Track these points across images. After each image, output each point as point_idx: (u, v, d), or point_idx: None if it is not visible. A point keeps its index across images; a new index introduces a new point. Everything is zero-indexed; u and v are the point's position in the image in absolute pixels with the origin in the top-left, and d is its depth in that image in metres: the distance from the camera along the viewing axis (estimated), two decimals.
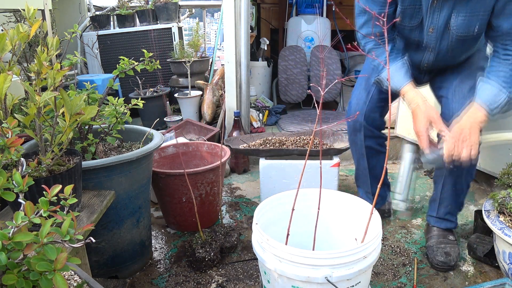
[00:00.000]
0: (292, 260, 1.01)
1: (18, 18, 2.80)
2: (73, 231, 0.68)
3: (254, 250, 1.13)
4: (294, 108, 3.43)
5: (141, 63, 1.52)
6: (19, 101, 1.73)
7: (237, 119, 2.47)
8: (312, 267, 1.00)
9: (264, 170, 1.90)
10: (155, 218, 1.95)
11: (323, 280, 1.00)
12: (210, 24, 6.38)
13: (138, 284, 1.46)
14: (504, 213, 1.33)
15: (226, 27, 2.51)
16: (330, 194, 1.34)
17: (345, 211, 1.33)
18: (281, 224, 1.26)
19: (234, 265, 1.55)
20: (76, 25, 1.63)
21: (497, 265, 1.48)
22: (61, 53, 2.35)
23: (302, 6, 3.61)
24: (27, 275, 0.63)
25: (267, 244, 1.06)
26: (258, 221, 1.16)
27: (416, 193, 2.18)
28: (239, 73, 2.59)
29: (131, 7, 3.61)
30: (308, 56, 3.36)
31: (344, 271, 1.01)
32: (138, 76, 3.02)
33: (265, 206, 1.26)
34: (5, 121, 0.84)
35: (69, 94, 1.33)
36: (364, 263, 1.04)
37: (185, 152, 2.01)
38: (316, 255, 1.00)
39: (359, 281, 1.07)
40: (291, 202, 1.18)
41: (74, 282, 0.84)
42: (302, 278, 1.01)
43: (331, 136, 2.07)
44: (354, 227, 1.29)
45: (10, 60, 0.98)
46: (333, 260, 1.00)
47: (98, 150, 1.42)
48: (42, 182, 0.96)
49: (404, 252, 1.63)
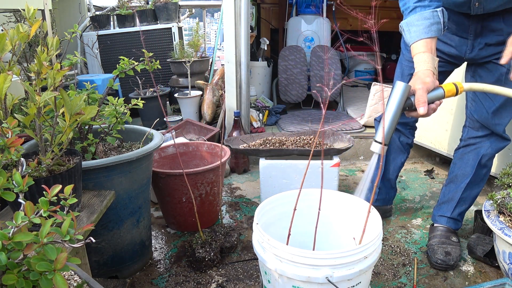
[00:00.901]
0: (292, 260, 1.01)
1: (18, 18, 2.80)
2: (73, 231, 0.68)
3: (254, 250, 1.13)
4: (294, 108, 3.43)
5: (141, 63, 1.52)
6: (19, 101, 1.74)
7: (237, 119, 2.47)
8: (313, 267, 1.00)
9: (264, 170, 1.90)
10: (155, 218, 1.95)
11: (323, 280, 1.00)
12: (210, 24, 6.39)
13: (138, 284, 1.46)
14: (504, 213, 1.33)
15: (226, 27, 2.51)
16: (330, 194, 1.34)
17: (345, 211, 1.33)
18: (282, 224, 1.26)
19: (234, 265, 1.55)
20: (76, 25, 1.63)
21: (497, 265, 1.48)
22: (61, 53, 2.35)
23: (302, 6, 3.60)
24: (27, 275, 0.63)
25: (268, 244, 1.06)
26: (258, 221, 1.16)
27: (416, 193, 2.18)
28: (239, 73, 2.59)
29: (131, 7, 3.61)
30: (308, 56, 3.36)
31: (345, 271, 1.01)
32: (138, 76, 3.03)
33: (266, 206, 1.26)
34: (5, 121, 0.84)
35: (69, 94, 1.33)
36: (364, 263, 1.03)
37: (185, 152, 2.01)
38: (316, 255, 1.00)
39: (360, 281, 1.07)
40: (291, 202, 1.18)
41: (74, 282, 0.84)
42: (303, 278, 1.01)
43: (331, 136, 2.07)
44: (354, 227, 1.29)
45: (10, 60, 0.98)
46: (334, 260, 0.99)
47: (98, 150, 1.42)
48: (42, 182, 0.96)
49: (404, 252, 1.63)
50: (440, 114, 2.20)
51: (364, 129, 2.79)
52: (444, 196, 1.65)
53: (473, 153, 1.55)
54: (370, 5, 0.93)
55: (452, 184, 1.62)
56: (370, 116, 2.75)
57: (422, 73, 1.17)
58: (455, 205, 1.61)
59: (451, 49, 1.46)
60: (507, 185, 1.40)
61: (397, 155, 1.74)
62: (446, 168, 2.47)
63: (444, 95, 1.17)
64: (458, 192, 1.59)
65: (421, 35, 1.23)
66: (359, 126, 2.80)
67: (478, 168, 1.55)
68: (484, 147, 1.53)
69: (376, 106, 2.71)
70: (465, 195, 1.59)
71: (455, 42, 1.45)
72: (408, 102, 1.14)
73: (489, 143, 1.52)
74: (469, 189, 1.58)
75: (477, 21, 1.37)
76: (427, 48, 1.22)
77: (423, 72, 1.17)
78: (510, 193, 1.34)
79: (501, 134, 1.50)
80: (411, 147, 1.76)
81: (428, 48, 1.22)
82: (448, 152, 2.26)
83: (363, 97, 3.41)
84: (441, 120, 2.25)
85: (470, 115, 1.55)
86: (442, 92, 1.17)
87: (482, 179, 1.58)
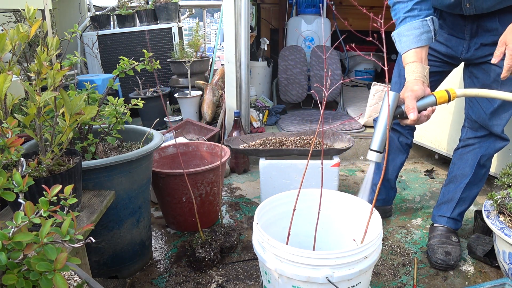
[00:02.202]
0: (292, 260, 1.01)
1: (18, 18, 2.80)
2: (73, 231, 0.68)
3: (254, 250, 1.13)
4: (294, 108, 3.43)
5: (141, 63, 1.52)
6: (19, 101, 1.74)
7: (237, 119, 2.47)
8: (313, 267, 1.00)
9: (264, 170, 1.90)
10: (155, 218, 1.95)
11: (323, 280, 0.99)
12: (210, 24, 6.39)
13: (138, 284, 1.46)
14: (504, 213, 1.33)
15: (226, 27, 2.51)
16: (330, 194, 1.34)
17: (345, 211, 1.33)
18: (282, 224, 1.26)
19: (234, 265, 1.55)
20: (76, 25, 1.63)
21: (497, 265, 1.48)
22: (61, 53, 2.34)
23: (302, 6, 3.61)
24: (27, 275, 0.63)
25: (268, 244, 1.06)
26: (259, 221, 1.16)
27: (416, 193, 2.18)
28: (239, 73, 2.59)
29: (131, 7, 3.61)
30: (308, 56, 3.36)
31: (345, 271, 1.01)
32: (138, 76, 3.03)
33: (266, 206, 1.26)
34: (5, 121, 0.84)
35: (69, 94, 1.33)
36: (365, 264, 1.04)
37: (185, 152, 2.01)
38: (317, 255, 1.00)
39: (360, 281, 1.07)
40: (291, 202, 1.18)
41: (74, 282, 0.84)
42: (303, 278, 1.01)
43: (331, 136, 2.07)
44: (355, 227, 1.29)
45: (10, 60, 0.98)
46: (334, 260, 1.00)
47: (98, 150, 1.42)
48: (42, 182, 0.96)
49: (404, 252, 1.63)
50: (440, 114, 2.20)
51: (364, 129, 2.79)
52: (444, 196, 1.65)
53: (472, 153, 1.55)
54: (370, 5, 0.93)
55: (452, 184, 1.62)
56: (370, 116, 2.75)
57: (411, 82, 1.22)
58: (454, 205, 1.61)
59: (447, 50, 1.47)
60: (507, 185, 1.40)
61: (397, 156, 1.74)
62: (446, 168, 2.47)
63: (436, 102, 1.21)
64: (457, 193, 1.60)
65: (410, 45, 1.26)
66: (359, 126, 2.80)
67: (477, 168, 1.55)
68: (483, 148, 1.53)
69: (376, 106, 2.71)
70: (464, 195, 1.59)
71: (451, 43, 1.46)
72: (399, 110, 1.19)
73: (487, 144, 1.52)
74: (468, 189, 1.59)
75: (472, 21, 1.38)
76: (417, 58, 1.25)
77: (412, 82, 1.21)
78: (510, 193, 1.34)
79: (500, 135, 1.50)
80: (410, 147, 1.76)
81: (418, 57, 1.26)
82: (448, 152, 2.27)
83: (363, 97, 3.41)
84: (440, 120, 2.25)
85: (469, 116, 1.55)
86: (433, 99, 1.21)
87: (481, 179, 1.58)
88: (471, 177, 1.56)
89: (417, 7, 1.27)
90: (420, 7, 1.27)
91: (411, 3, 1.27)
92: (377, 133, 1.18)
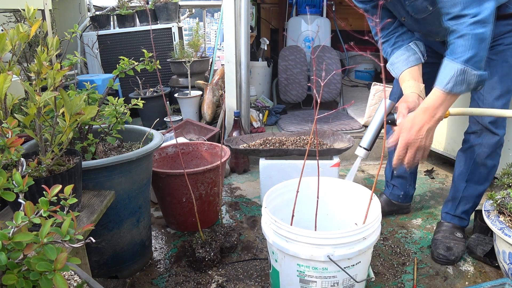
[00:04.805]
0: (297, 239, 1.09)
1: (18, 18, 2.80)
2: (73, 231, 0.68)
3: (263, 231, 1.22)
4: (294, 108, 3.43)
5: (141, 63, 1.52)
6: (19, 101, 1.74)
7: (237, 119, 2.47)
8: (316, 246, 1.08)
9: (264, 170, 1.90)
10: (155, 218, 1.95)
11: (325, 258, 1.07)
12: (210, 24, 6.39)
13: (138, 284, 1.46)
14: (504, 213, 1.33)
15: (226, 27, 2.51)
16: (333, 182, 1.43)
17: (348, 198, 1.41)
18: (288, 210, 1.33)
19: (234, 265, 1.55)
20: (76, 25, 1.63)
21: (497, 265, 1.48)
22: (61, 53, 2.35)
23: (302, 6, 3.61)
24: (27, 275, 0.63)
25: (275, 225, 1.14)
26: (267, 205, 1.26)
27: (416, 193, 2.18)
28: (239, 73, 2.59)
29: (131, 7, 3.61)
30: (308, 56, 3.36)
31: (345, 251, 1.08)
32: (138, 76, 3.03)
33: (273, 193, 1.35)
34: (5, 121, 0.84)
35: (69, 94, 1.33)
36: (364, 244, 1.11)
37: (185, 152, 2.01)
38: (319, 235, 1.08)
39: (359, 261, 1.14)
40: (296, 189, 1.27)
41: (74, 282, 0.84)
42: (306, 256, 1.09)
43: (331, 136, 2.07)
44: (357, 213, 1.36)
45: (10, 60, 0.98)
46: (335, 240, 1.07)
47: (98, 150, 1.42)
48: (42, 182, 0.96)
49: (404, 252, 1.63)
50: None
51: (364, 129, 2.79)
52: (449, 194, 1.68)
53: (468, 151, 1.56)
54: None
55: (453, 184, 1.65)
56: (370, 116, 2.75)
57: (406, 95, 1.39)
58: (457, 204, 1.63)
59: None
60: (507, 185, 1.40)
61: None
62: (446, 168, 2.47)
63: None
64: (459, 192, 1.61)
65: (402, 67, 1.46)
66: (359, 126, 2.80)
67: (474, 167, 1.54)
68: (477, 146, 1.53)
69: (376, 106, 2.71)
70: (466, 194, 1.60)
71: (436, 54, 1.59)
72: (391, 117, 1.33)
73: (480, 140, 1.51)
74: (469, 188, 1.59)
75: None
76: (411, 77, 1.43)
77: (407, 95, 1.38)
78: (510, 193, 1.34)
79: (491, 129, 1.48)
80: None
81: (412, 76, 1.43)
82: (447, 152, 2.26)
83: (363, 97, 3.42)
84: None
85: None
86: None
87: (485, 179, 1.56)
88: (468, 176, 1.57)
89: (399, 39, 1.49)
90: (402, 38, 1.49)
91: (393, 38, 1.50)
92: (368, 133, 1.34)
